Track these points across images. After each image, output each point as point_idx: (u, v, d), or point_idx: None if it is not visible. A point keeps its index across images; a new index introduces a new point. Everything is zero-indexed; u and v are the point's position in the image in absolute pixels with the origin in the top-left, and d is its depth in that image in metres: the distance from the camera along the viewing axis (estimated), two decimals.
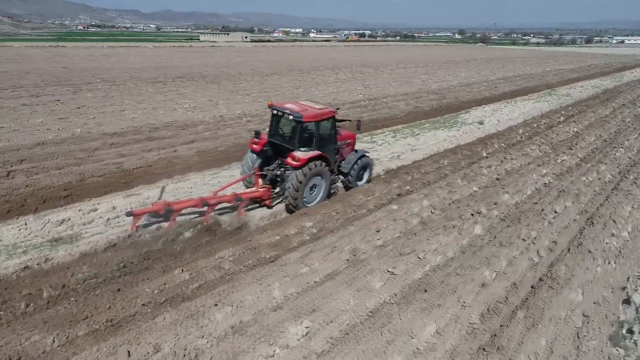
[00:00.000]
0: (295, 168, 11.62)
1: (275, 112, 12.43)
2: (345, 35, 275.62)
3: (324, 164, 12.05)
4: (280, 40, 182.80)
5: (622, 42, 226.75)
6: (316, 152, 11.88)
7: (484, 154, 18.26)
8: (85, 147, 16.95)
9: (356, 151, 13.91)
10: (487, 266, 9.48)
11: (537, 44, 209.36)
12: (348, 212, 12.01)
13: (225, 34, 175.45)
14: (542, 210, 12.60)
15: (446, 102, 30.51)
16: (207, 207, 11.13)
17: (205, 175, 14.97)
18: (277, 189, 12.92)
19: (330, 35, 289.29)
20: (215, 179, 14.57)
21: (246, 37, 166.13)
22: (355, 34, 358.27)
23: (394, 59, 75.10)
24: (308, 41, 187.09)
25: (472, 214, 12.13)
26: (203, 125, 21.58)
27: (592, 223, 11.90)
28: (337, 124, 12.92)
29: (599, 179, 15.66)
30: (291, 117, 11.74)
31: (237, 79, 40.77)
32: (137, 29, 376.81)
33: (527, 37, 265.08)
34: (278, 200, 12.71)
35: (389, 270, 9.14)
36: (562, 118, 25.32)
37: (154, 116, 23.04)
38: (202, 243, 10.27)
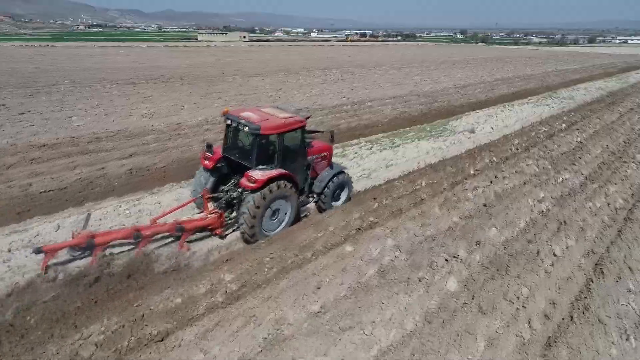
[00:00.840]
0: (252, 190, 9.67)
1: (229, 122, 10.39)
2: (345, 34, 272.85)
3: (288, 184, 10.11)
4: (280, 40, 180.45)
5: (625, 42, 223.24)
6: (278, 171, 9.97)
7: (471, 171, 15.53)
8: None
9: (331, 167, 11.92)
10: (457, 349, 6.80)
11: (539, 43, 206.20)
12: (286, 257, 9.30)
13: (223, 33, 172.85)
14: (538, 253, 9.91)
15: (437, 106, 27.79)
16: (140, 239, 9.24)
17: (123, 202, 12.22)
18: (234, 214, 10.82)
19: (331, 35, 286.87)
20: (134, 207, 11.85)
21: (244, 37, 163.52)
22: (356, 33, 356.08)
23: (389, 59, 72.38)
24: (308, 41, 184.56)
25: (446, 260, 9.44)
26: (154, 134, 18.87)
27: (602, 272, 9.22)
28: (308, 135, 11.37)
29: (608, 204, 12.97)
30: (247, 128, 9.75)
31: (217, 80, 38.11)
32: (139, 29, 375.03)
33: (529, 37, 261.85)
34: (233, 229, 10.57)
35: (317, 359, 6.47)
36: (563, 125, 22.57)
37: (103, 123, 20.39)
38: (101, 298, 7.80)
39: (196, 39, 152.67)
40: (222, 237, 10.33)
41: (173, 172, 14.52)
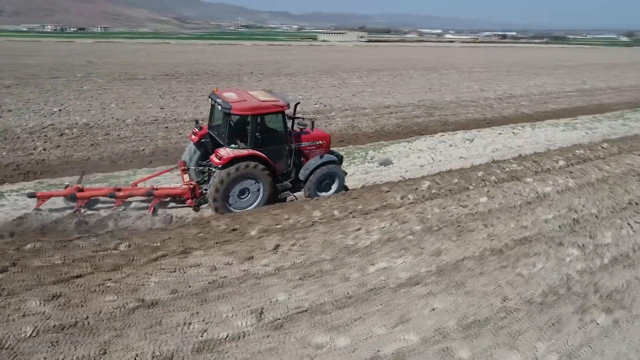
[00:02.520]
0: (219, 167, 10.24)
1: (211, 100, 11.23)
2: (473, 37, 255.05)
3: (260, 166, 10.44)
4: (402, 40, 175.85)
5: None
6: (248, 151, 10.38)
7: None
8: None
9: (322, 156, 11.63)
10: None
11: None
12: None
13: (342, 33, 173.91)
14: None
15: (421, 121, 21.96)
16: (114, 197, 10.41)
17: None
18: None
19: (467, 37, 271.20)
20: None
21: (362, 37, 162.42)
22: (496, 35, 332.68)
23: (487, 61, 64.26)
24: (431, 41, 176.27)
25: None
26: None
27: None
28: (297, 121, 11.56)
29: None
30: (220, 107, 10.45)
31: (234, 78, 36.75)
32: (280, 29, 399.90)
33: None
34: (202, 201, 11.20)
35: None
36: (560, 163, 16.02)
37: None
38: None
39: (315, 39, 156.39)
40: (195, 208, 11.00)
41: None
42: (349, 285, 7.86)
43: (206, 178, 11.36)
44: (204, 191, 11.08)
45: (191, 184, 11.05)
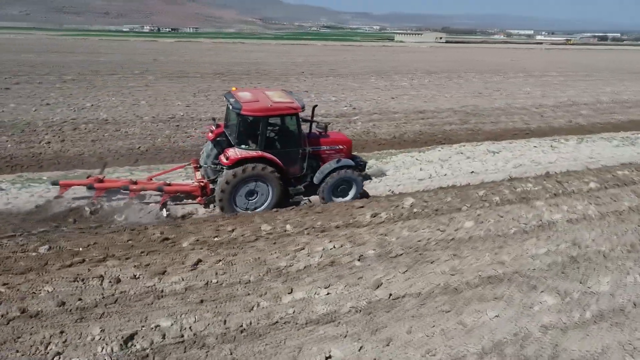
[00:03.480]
0: (227, 167, 10.22)
1: (225, 100, 11.17)
2: (566, 39, 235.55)
3: (269, 168, 10.23)
4: (484, 42, 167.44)
5: None
6: (257, 153, 10.24)
7: None
8: None
9: (338, 160, 11.29)
10: None
11: None
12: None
13: (418, 34, 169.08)
14: None
15: (449, 129, 19.77)
16: (127, 190, 10.70)
17: None
18: None
19: (560, 38, 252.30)
20: None
21: (440, 38, 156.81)
22: (594, 36, 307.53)
23: (568, 65, 58.48)
24: (518, 43, 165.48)
25: None
26: None
27: None
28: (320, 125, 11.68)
29: None
30: (231, 107, 10.37)
31: (281, 78, 36.22)
32: (362, 30, 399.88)
33: None
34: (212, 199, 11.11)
35: None
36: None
37: None
38: None
39: (392, 40, 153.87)
40: (205, 206, 10.97)
41: None
42: (251, 316, 6.90)
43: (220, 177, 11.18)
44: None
45: (202, 182, 11.02)
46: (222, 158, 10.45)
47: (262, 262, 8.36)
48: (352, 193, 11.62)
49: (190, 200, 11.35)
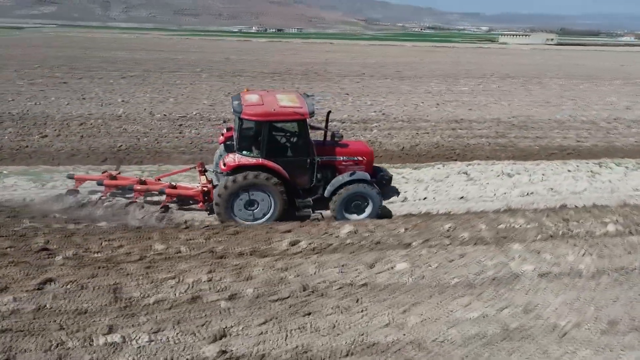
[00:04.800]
0: (224, 174, 9.83)
1: (231, 101, 10.72)
2: None
3: (269, 177, 9.46)
4: (605, 45, 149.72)
5: None
6: (257, 160, 9.55)
7: None
8: None
9: (352, 173, 10.25)
10: None
11: None
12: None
13: (525, 35, 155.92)
14: None
15: (474, 143, 16.94)
16: (131, 190, 10.54)
17: None
18: None
19: None
20: None
21: (551, 39, 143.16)
22: None
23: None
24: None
25: None
26: None
27: None
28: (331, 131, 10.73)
29: None
30: (232, 110, 9.82)
31: (334, 79, 34.64)
32: (469, 31, 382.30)
33: None
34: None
35: None
36: None
37: None
38: None
39: (495, 41, 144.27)
40: (209, 212, 10.32)
41: None
42: (43, 357, 5.88)
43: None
44: None
45: (207, 187, 10.47)
46: (221, 164, 9.93)
47: (116, 289, 7.28)
48: (368, 210, 10.30)
49: (195, 206, 10.73)
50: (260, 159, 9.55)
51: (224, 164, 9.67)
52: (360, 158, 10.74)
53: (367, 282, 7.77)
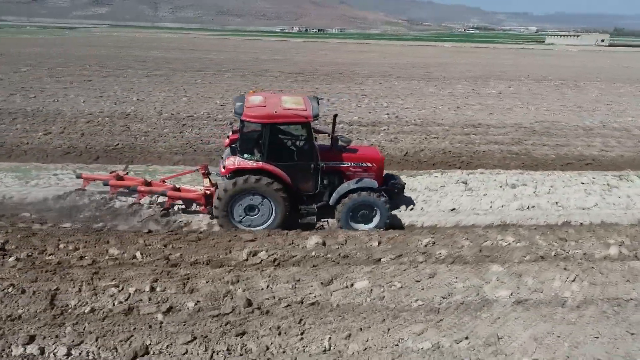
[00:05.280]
0: (223, 177, 9.73)
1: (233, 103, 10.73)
2: None
3: (269, 182, 9.11)
4: None
5: None
6: (256, 164, 9.20)
7: None
8: None
9: (358, 180, 9.82)
10: None
11: None
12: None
13: (574, 36, 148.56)
14: None
15: (486, 149, 15.94)
16: (134, 192, 10.43)
17: None
18: None
19: None
20: None
21: (602, 40, 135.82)
22: None
23: None
24: None
25: None
26: None
27: None
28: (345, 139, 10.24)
29: None
30: (233, 112, 9.60)
31: (356, 78, 33.99)
32: (515, 32, 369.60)
33: None
34: None
35: None
36: None
37: None
38: None
39: (542, 42, 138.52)
40: (210, 215, 10.07)
41: None
42: None
43: None
44: None
45: (209, 190, 10.26)
46: (221, 166, 9.78)
47: (54, 296, 7.02)
48: (375, 220, 9.86)
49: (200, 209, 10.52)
50: (261, 163, 9.24)
51: (224, 167, 9.44)
52: (369, 164, 10.21)
53: (318, 300, 7.18)
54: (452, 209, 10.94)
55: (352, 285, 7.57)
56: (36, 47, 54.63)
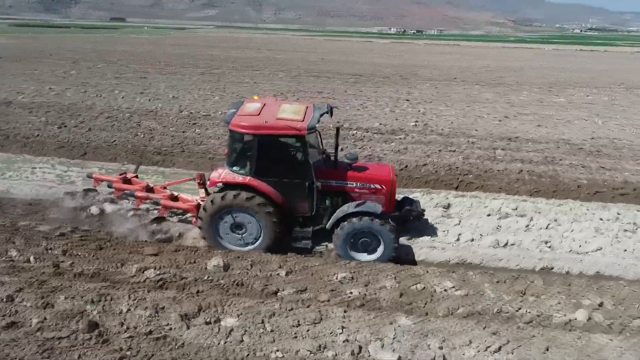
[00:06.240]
0: (208, 190, 9.43)
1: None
2: None
3: (251, 197, 8.25)
4: None
5: None
6: (243, 178, 8.38)
7: None
8: None
9: (359, 203, 8.54)
10: None
11: None
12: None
13: None
14: None
15: (502, 168, 13.52)
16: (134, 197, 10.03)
17: None
18: None
19: None
20: None
21: None
22: None
23: None
24: None
25: None
26: None
27: None
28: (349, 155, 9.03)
29: None
30: (224, 119, 9.00)
31: (401, 82, 31.56)
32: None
33: None
34: None
35: None
36: None
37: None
38: None
39: None
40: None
41: None
42: None
43: None
44: None
45: (203, 201, 9.42)
46: (207, 179, 9.17)
47: None
48: (379, 251, 8.43)
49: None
50: (248, 178, 8.36)
51: (208, 179, 8.81)
52: (377, 186, 8.83)
53: (168, 335, 6.24)
54: (409, 238, 9.27)
55: (216, 321, 6.53)
56: (129, 45, 59.47)
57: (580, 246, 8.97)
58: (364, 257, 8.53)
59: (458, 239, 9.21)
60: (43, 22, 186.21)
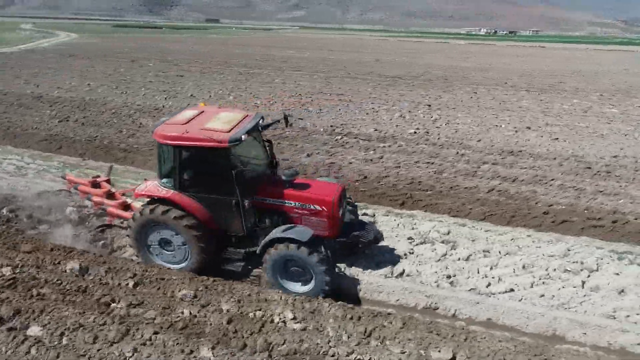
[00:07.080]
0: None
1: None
2: None
3: (173, 212, 7.70)
4: None
5: None
6: (165, 192, 7.89)
7: None
8: None
9: (288, 228, 7.58)
10: None
11: None
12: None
13: None
14: None
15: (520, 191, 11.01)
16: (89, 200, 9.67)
17: None
18: None
19: None
20: None
21: None
22: None
23: None
24: None
25: None
26: None
27: None
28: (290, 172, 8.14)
29: None
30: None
31: (442, 86, 29.06)
32: None
33: None
34: None
35: None
36: None
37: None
38: None
39: None
40: None
41: None
42: None
43: None
44: None
45: None
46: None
47: None
48: (312, 284, 7.54)
49: None
50: (171, 192, 7.84)
51: (134, 191, 8.49)
52: (317, 207, 7.80)
53: None
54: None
55: (22, 329, 6.31)
56: (201, 45, 62.45)
57: (488, 285, 7.54)
58: (296, 287, 7.66)
59: (352, 265, 8.17)
60: (144, 23, 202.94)
